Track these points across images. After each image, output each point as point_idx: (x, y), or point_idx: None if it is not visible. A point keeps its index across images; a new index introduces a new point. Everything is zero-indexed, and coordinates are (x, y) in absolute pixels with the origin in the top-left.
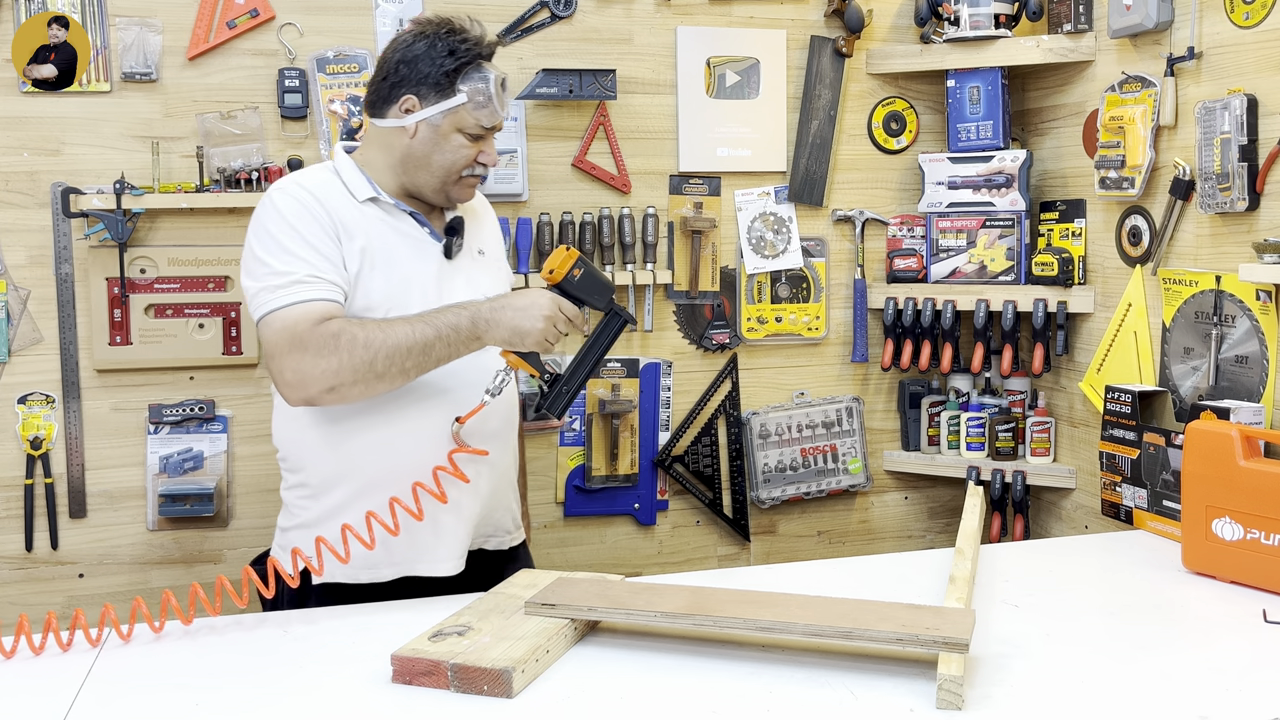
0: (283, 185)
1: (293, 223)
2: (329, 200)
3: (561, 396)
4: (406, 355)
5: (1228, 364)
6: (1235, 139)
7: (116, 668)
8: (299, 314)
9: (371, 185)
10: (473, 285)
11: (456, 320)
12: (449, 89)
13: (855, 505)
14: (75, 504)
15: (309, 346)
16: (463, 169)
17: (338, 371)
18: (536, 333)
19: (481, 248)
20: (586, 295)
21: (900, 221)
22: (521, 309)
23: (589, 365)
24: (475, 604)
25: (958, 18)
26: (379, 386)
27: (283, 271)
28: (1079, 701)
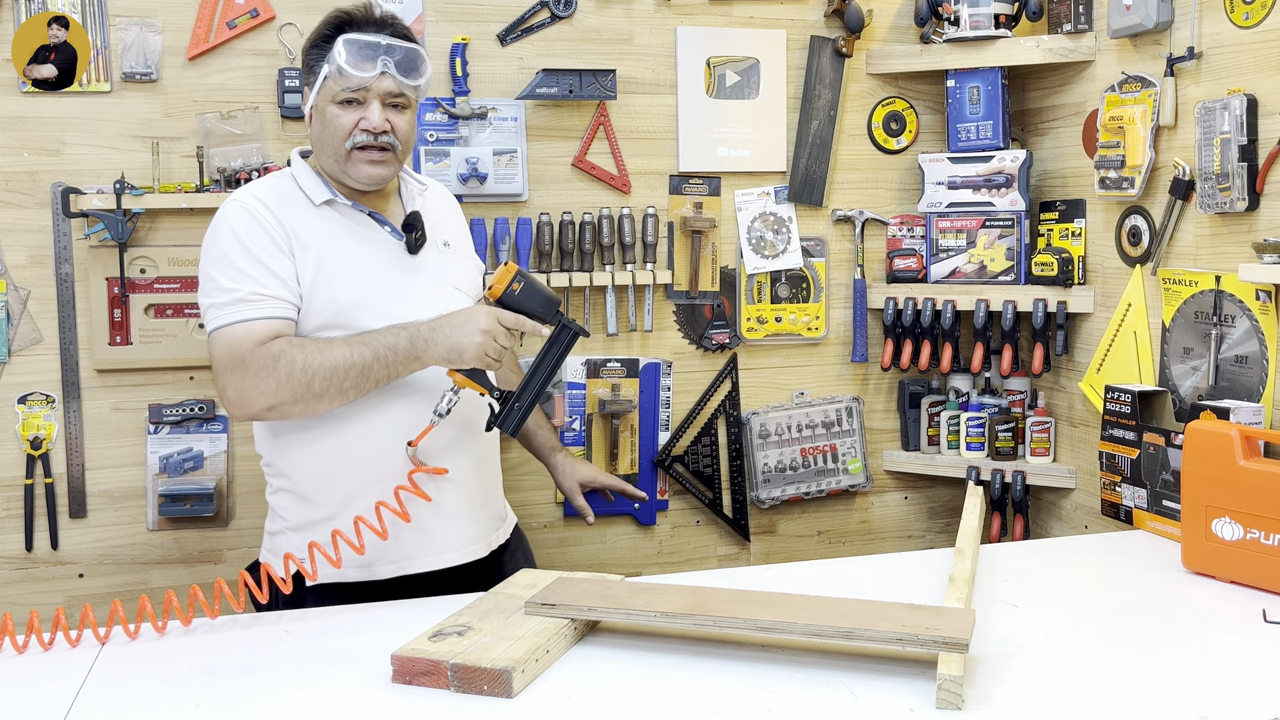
0: (238, 196)
1: (242, 238)
2: (283, 210)
3: (514, 413)
4: (344, 376)
5: (1227, 364)
6: (1235, 139)
7: (117, 667)
8: (242, 333)
9: (328, 188)
10: (441, 278)
11: (395, 341)
12: (317, 66)
13: (855, 505)
14: (75, 504)
15: (249, 367)
16: (344, 139)
17: (276, 392)
18: (474, 348)
19: (446, 239)
20: (529, 308)
21: (900, 221)
22: (457, 325)
23: (540, 380)
24: (475, 604)
25: (958, 18)
26: (319, 406)
27: (229, 289)
28: (1079, 701)
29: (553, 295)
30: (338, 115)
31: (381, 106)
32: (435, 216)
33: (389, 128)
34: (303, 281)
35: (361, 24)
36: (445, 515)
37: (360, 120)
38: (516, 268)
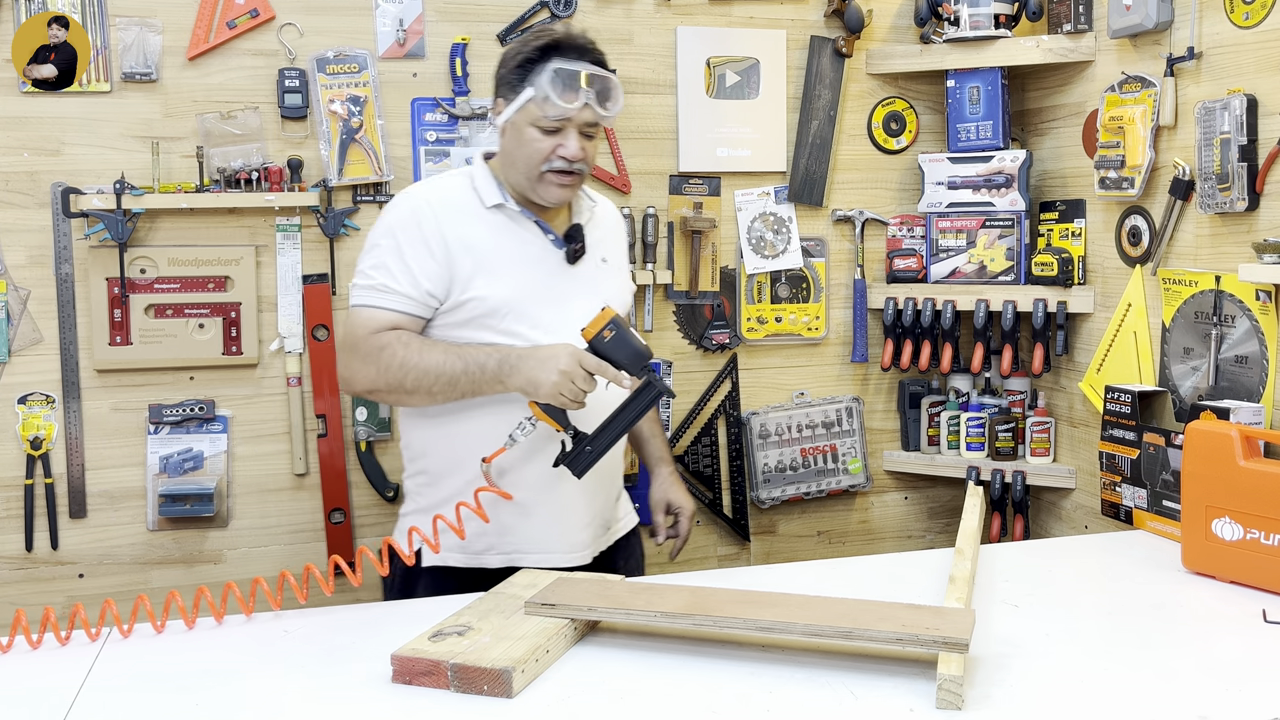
0: (411, 192)
1: (396, 233)
2: (448, 213)
3: (584, 457)
4: (434, 380)
5: (1227, 364)
6: (1235, 139)
7: (117, 667)
8: (365, 318)
9: (501, 192)
10: (593, 291)
11: (485, 360)
12: (520, 85)
13: (855, 505)
14: (75, 504)
15: (359, 350)
16: (540, 164)
17: (374, 379)
18: (549, 385)
19: (605, 255)
20: (615, 357)
21: (900, 221)
22: (541, 360)
23: (615, 431)
24: (475, 604)
25: (958, 18)
26: (410, 400)
27: (369, 275)
28: (1079, 701)
29: (643, 349)
30: (536, 139)
31: (578, 134)
32: (599, 233)
33: (583, 156)
34: (458, 279)
35: (568, 51)
36: (557, 519)
37: (558, 147)
38: (613, 314)
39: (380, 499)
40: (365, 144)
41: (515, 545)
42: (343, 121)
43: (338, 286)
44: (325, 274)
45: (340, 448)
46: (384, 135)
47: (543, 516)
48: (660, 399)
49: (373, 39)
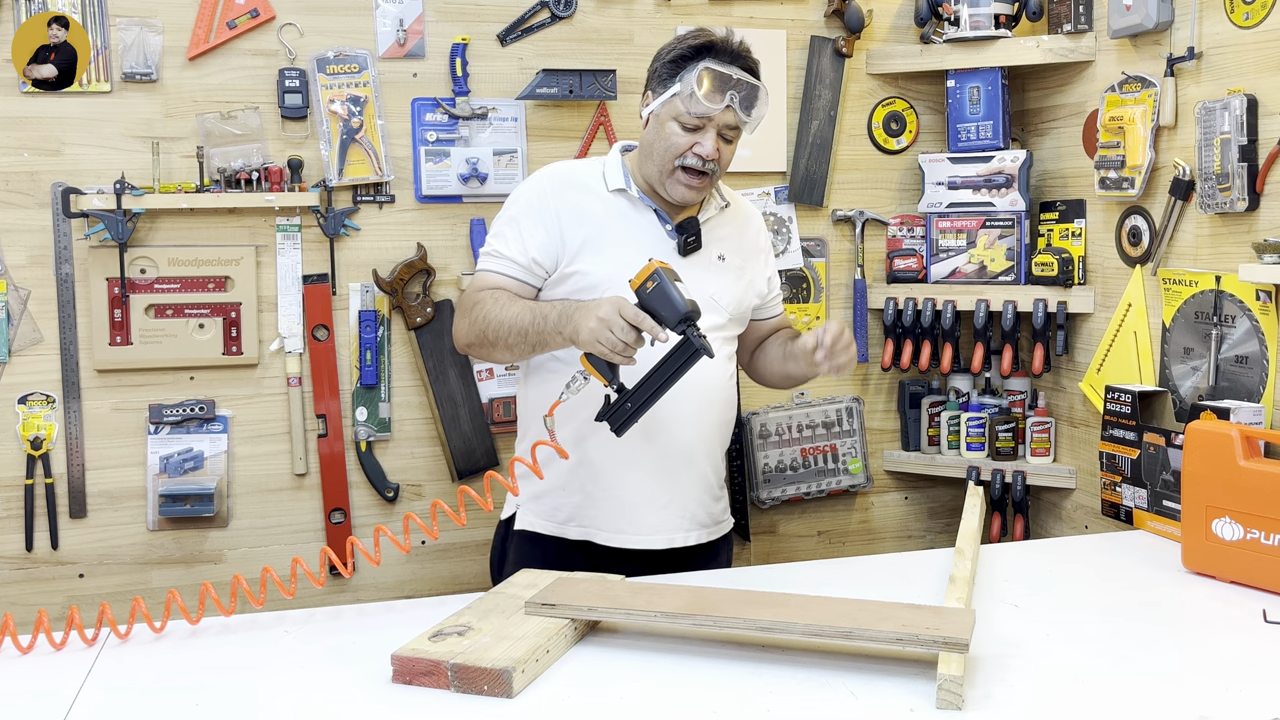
0: (541, 170)
1: (518, 203)
2: (567, 190)
3: (623, 412)
4: (509, 333)
5: (1228, 364)
6: (1235, 139)
7: (117, 667)
8: (474, 281)
9: (625, 178)
10: (700, 286)
11: (549, 311)
12: (670, 80)
13: (855, 505)
14: (75, 504)
15: (462, 306)
16: (674, 158)
17: (467, 332)
18: (587, 331)
19: (723, 253)
20: (655, 309)
21: (900, 222)
22: (588, 308)
23: (652, 388)
24: (475, 604)
25: (958, 18)
26: (496, 355)
27: (489, 242)
28: (1079, 701)
29: (684, 304)
30: (676, 134)
31: (716, 135)
32: (723, 231)
33: (717, 157)
34: (568, 252)
35: (721, 53)
36: (628, 499)
37: (694, 145)
38: (658, 266)
39: (380, 499)
40: (365, 144)
41: (591, 519)
42: (343, 121)
43: (338, 286)
44: (325, 274)
45: (340, 448)
46: (384, 135)
47: (616, 495)
48: (698, 359)
49: (373, 39)
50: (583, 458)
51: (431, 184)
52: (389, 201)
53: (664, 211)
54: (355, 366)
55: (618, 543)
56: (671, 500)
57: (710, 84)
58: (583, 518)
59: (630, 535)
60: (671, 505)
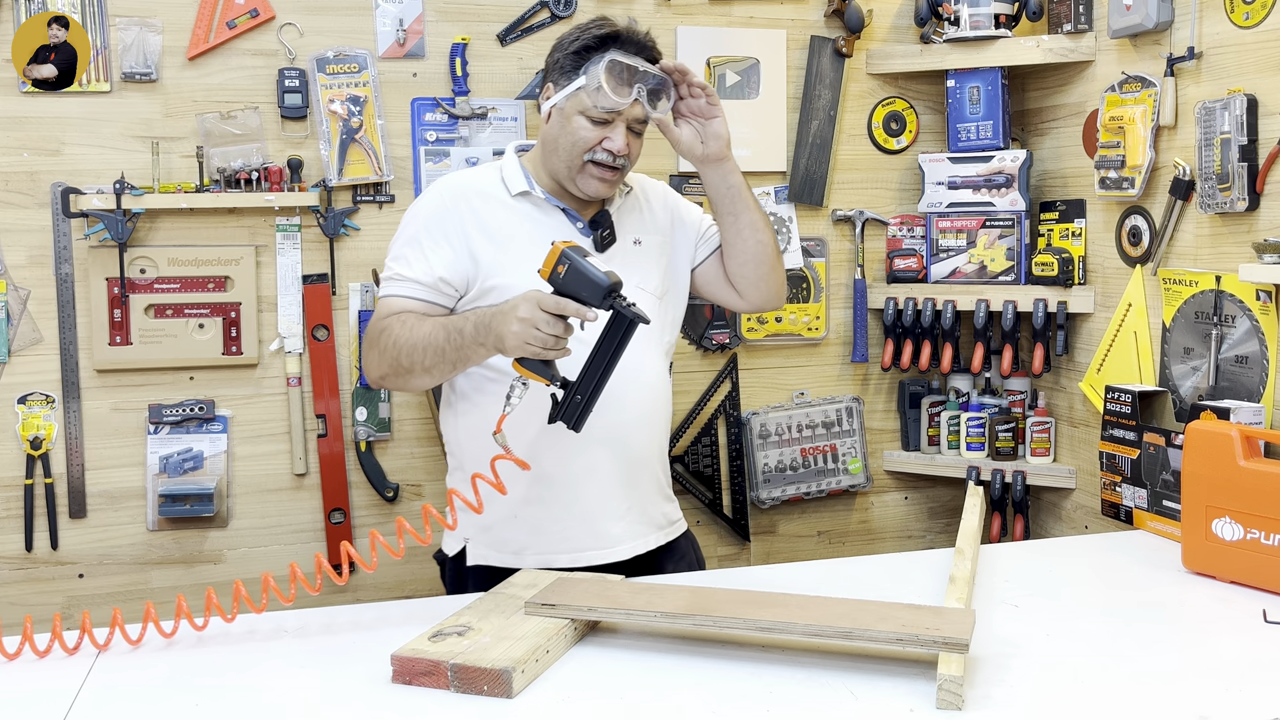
0: (436, 182)
1: (417, 221)
2: (468, 201)
3: (574, 407)
4: (424, 354)
5: (1228, 364)
6: (1235, 139)
7: (116, 668)
8: (379, 308)
9: (527, 180)
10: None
11: (463, 325)
12: (573, 72)
13: (855, 505)
14: (75, 504)
15: (369, 338)
16: (583, 153)
17: (379, 364)
18: (512, 337)
19: (638, 238)
20: (576, 292)
21: (900, 221)
22: (504, 312)
23: (597, 373)
24: (475, 604)
25: (958, 18)
26: (413, 381)
27: (388, 265)
28: (1079, 701)
29: (602, 278)
30: (584, 128)
31: (625, 129)
32: (632, 215)
33: (628, 152)
34: (480, 269)
35: (626, 44)
36: (589, 512)
37: (604, 139)
38: (562, 248)
39: (380, 499)
40: (365, 144)
41: (549, 545)
42: (343, 121)
43: (338, 286)
44: (325, 274)
45: (340, 448)
46: (384, 135)
47: (575, 511)
48: (635, 328)
49: (373, 39)
50: (539, 474)
51: None
52: (389, 201)
53: (573, 209)
54: (355, 366)
55: (583, 561)
56: (630, 507)
57: (617, 78)
58: (539, 544)
59: (594, 551)
60: (630, 512)
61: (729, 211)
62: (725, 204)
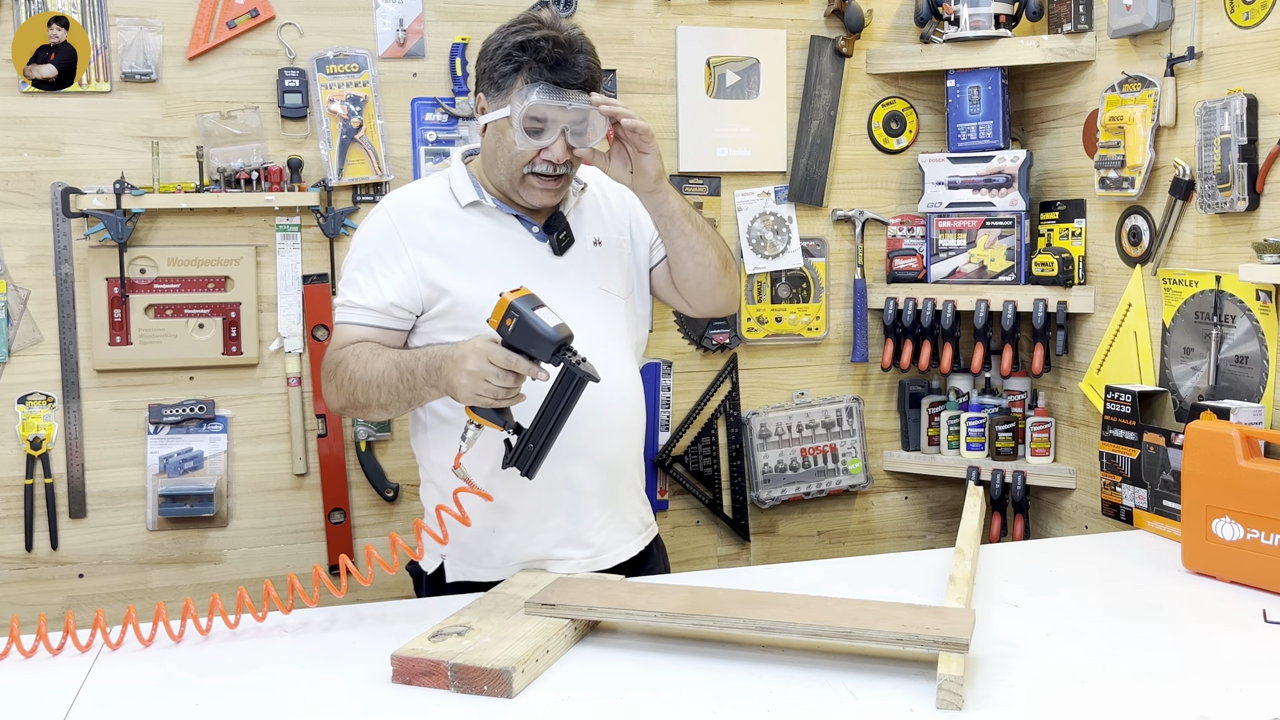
0: (386, 200)
1: (365, 245)
2: (418, 216)
3: (527, 455)
4: (378, 391)
5: (1228, 364)
6: (1235, 139)
7: (117, 666)
8: (334, 337)
9: (476, 189)
10: (586, 281)
11: (415, 365)
12: (498, 93)
13: (855, 505)
14: (75, 504)
15: (325, 368)
16: (522, 166)
17: (336, 395)
18: (462, 388)
19: (598, 237)
20: (524, 347)
21: (900, 221)
22: (455, 360)
23: (548, 424)
24: (475, 604)
25: (958, 18)
26: (370, 414)
27: (341, 291)
28: (1079, 701)
29: (552, 333)
30: (520, 141)
31: (563, 137)
32: (589, 214)
33: (569, 158)
34: (434, 286)
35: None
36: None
37: (542, 151)
38: (510, 301)
39: (380, 499)
40: (365, 144)
41: (531, 556)
42: (343, 121)
43: (337, 286)
44: (325, 274)
45: (340, 448)
46: (384, 135)
47: (556, 524)
48: (585, 385)
49: (373, 39)
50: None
51: None
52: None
53: (525, 215)
54: None
55: (566, 570)
56: (611, 515)
57: (537, 119)
58: (519, 556)
59: (576, 561)
60: (612, 521)
61: (667, 236)
62: (662, 229)
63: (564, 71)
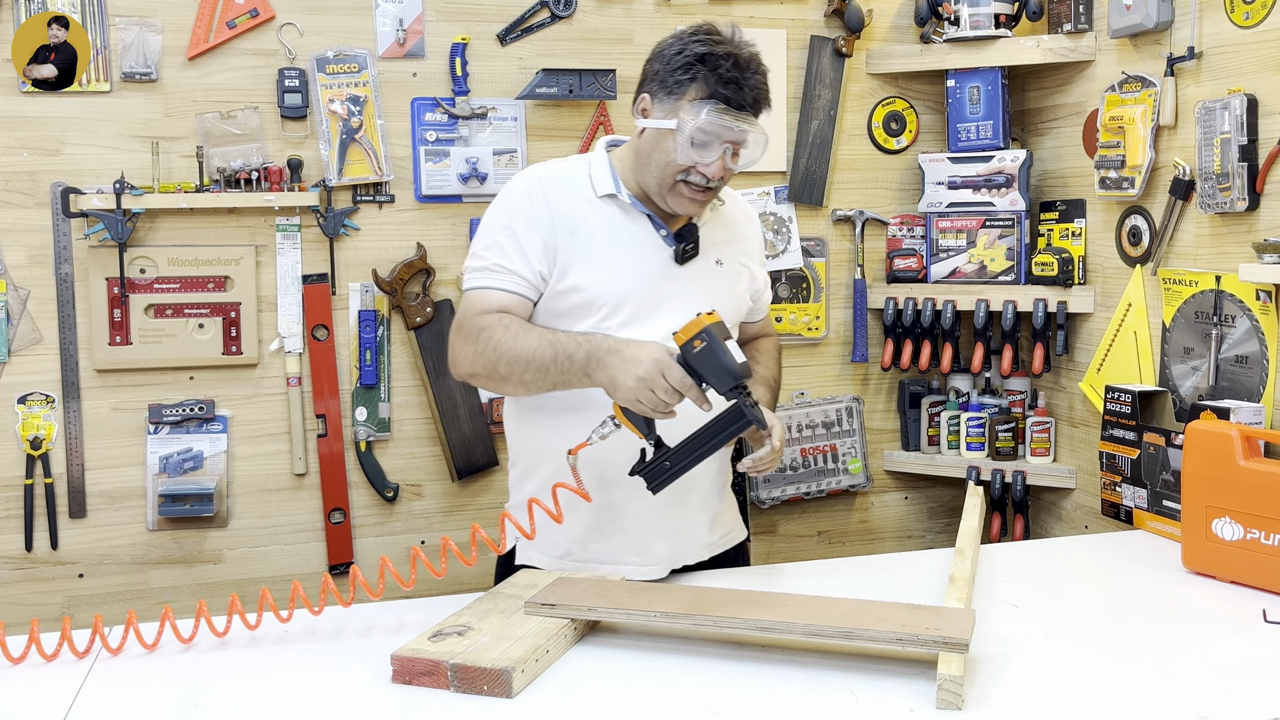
0: (524, 172)
1: (510, 212)
2: (558, 194)
3: (660, 471)
4: (525, 368)
5: (1228, 364)
6: (1235, 139)
7: (118, 666)
8: (473, 300)
9: (615, 182)
10: (697, 295)
11: (574, 350)
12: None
13: (855, 505)
14: (75, 504)
15: (464, 331)
16: (676, 173)
17: (473, 361)
18: (626, 389)
19: (720, 257)
20: (703, 372)
21: (900, 221)
22: (626, 360)
23: (696, 451)
24: (475, 604)
25: (958, 18)
26: (507, 388)
27: (480, 254)
28: (1079, 701)
29: (735, 368)
30: (682, 152)
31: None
32: (720, 233)
33: (724, 174)
34: (560, 263)
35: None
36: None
37: (698, 165)
38: (707, 323)
39: (380, 499)
40: (365, 144)
41: (592, 554)
42: (342, 121)
43: (337, 286)
44: (325, 274)
45: (340, 448)
46: (384, 135)
47: (620, 526)
48: (748, 426)
49: (373, 39)
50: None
51: (431, 184)
52: (389, 201)
53: (658, 217)
54: (355, 366)
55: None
56: (678, 530)
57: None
58: (583, 552)
59: (635, 567)
60: (679, 534)
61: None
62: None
63: (738, 91)
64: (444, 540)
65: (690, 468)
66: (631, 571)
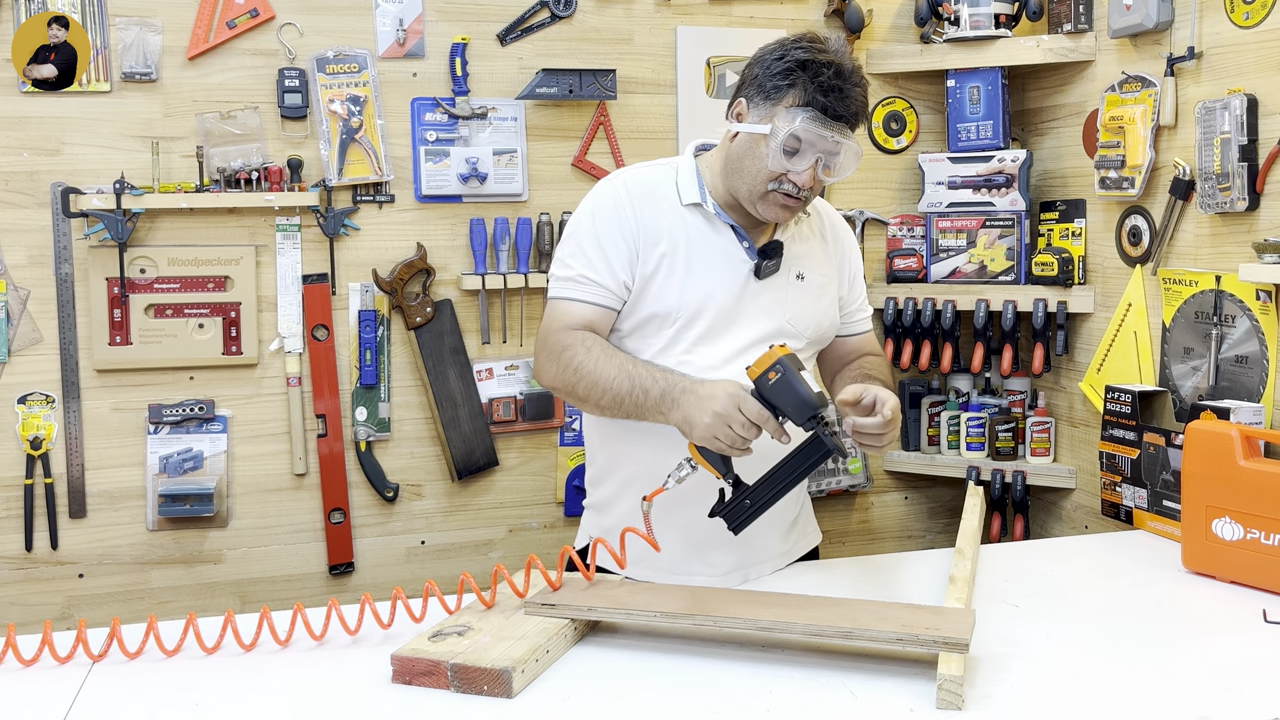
0: (611, 178)
1: (595, 220)
2: (645, 202)
3: (740, 511)
4: (601, 394)
5: (1228, 364)
6: (1235, 139)
7: (118, 666)
8: (558, 312)
9: (701, 190)
10: (777, 311)
11: (650, 386)
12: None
13: (855, 505)
14: (75, 504)
15: (547, 346)
16: (767, 181)
17: (555, 377)
18: (702, 428)
19: (802, 271)
20: (780, 404)
21: (900, 221)
22: (701, 398)
23: (777, 487)
24: (475, 604)
25: (958, 18)
26: (584, 408)
27: (566, 263)
28: (1079, 701)
29: (811, 398)
30: (774, 159)
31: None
32: (804, 245)
33: (813, 184)
34: (640, 275)
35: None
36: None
37: (790, 172)
38: (781, 354)
39: (380, 499)
40: (365, 144)
41: (658, 561)
42: (343, 121)
43: (337, 286)
44: (325, 274)
45: (340, 448)
46: (384, 135)
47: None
48: (829, 457)
49: (373, 39)
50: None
51: (431, 184)
52: (389, 201)
53: (743, 229)
54: (355, 366)
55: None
56: (742, 542)
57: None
58: (648, 559)
59: (699, 577)
60: (741, 547)
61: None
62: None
63: (837, 101)
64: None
65: (771, 504)
66: (695, 580)
